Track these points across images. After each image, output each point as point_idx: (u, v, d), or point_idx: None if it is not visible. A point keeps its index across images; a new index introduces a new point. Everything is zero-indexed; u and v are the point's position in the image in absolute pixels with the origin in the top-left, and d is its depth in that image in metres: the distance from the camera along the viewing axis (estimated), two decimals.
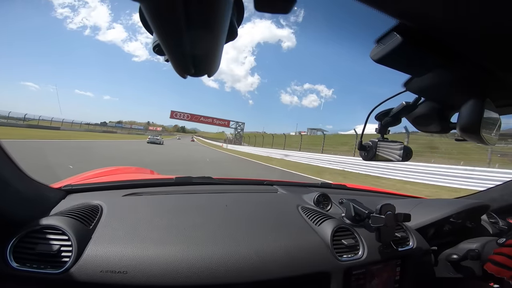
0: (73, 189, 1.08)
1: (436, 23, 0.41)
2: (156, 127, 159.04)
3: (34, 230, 0.71)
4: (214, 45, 0.37)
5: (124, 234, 0.79)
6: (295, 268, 0.82)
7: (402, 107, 0.73)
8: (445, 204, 1.25)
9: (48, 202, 0.92)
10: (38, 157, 8.08)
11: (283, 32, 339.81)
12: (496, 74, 0.52)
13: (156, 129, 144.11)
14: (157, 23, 0.31)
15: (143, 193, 1.14)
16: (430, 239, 1.17)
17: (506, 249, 0.89)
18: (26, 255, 0.67)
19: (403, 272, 1.03)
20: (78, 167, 6.39)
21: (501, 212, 1.39)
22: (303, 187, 1.58)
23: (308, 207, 1.17)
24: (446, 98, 0.65)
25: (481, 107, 0.54)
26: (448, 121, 0.69)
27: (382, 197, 1.66)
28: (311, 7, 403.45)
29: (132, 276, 0.68)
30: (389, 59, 0.49)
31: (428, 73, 0.54)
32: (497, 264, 0.89)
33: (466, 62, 0.49)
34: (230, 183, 1.53)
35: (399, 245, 1.04)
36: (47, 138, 18.23)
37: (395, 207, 0.94)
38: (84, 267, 0.67)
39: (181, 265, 0.72)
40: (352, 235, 0.99)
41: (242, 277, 0.75)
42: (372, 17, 0.39)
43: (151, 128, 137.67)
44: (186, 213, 0.97)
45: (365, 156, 0.81)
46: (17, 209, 0.75)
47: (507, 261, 0.86)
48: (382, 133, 0.80)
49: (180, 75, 0.43)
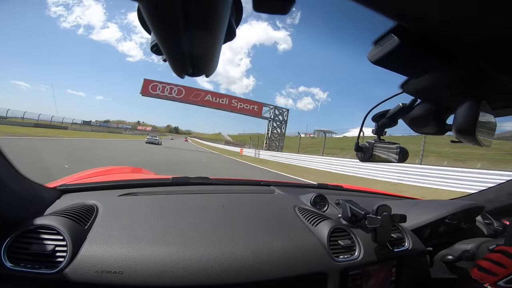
0: (68, 189, 1.07)
1: (433, 25, 0.41)
2: (145, 126, 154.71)
3: (28, 230, 0.71)
4: (213, 45, 0.37)
5: (120, 234, 0.78)
6: (292, 268, 0.82)
7: (399, 109, 0.73)
8: (440, 205, 1.26)
9: (42, 201, 0.91)
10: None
11: (279, 34, 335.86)
12: (492, 76, 0.52)
13: (145, 128, 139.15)
14: (156, 23, 0.31)
15: (139, 193, 1.13)
16: (426, 240, 1.18)
17: (494, 255, 0.88)
18: (21, 255, 0.66)
19: (399, 272, 1.03)
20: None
21: (495, 213, 1.40)
22: (299, 188, 1.58)
23: (305, 207, 1.17)
24: (442, 100, 0.65)
25: (477, 109, 0.55)
26: (444, 122, 0.70)
27: (378, 198, 1.67)
28: (308, 9, 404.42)
29: (128, 277, 0.67)
30: (386, 61, 0.49)
31: (424, 75, 0.54)
32: (482, 270, 0.88)
33: (462, 64, 0.50)
34: (227, 184, 1.53)
35: (395, 246, 1.04)
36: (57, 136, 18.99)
37: (391, 208, 0.95)
38: (79, 267, 0.67)
39: (178, 265, 0.72)
40: (349, 236, 0.99)
41: (239, 278, 0.75)
42: (369, 19, 0.40)
43: (139, 128, 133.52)
44: (183, 213, 0.97)
45: (361, 157, 0.81)
46: (11, 208, 0.74)
47: (493, 267, 0.85)
48: (378, 134, 0.81)
49: (178, 75, 0.43)
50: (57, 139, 17.58)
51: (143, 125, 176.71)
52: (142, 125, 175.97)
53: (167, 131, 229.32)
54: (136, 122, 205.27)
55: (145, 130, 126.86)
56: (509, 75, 0.52)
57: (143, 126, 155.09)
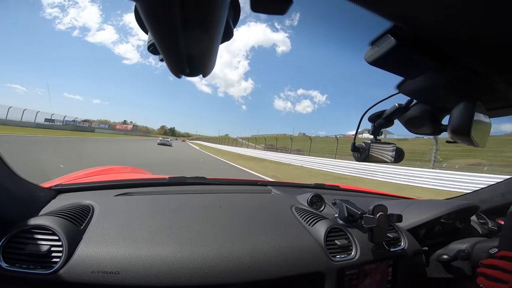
0: (63, 189, 1.06)
1: (428, 26, 0.42)
2: (127, 125, 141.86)
3: (23, 230, 0.70)
4: (210, 45, 0.37)
5: (116, 234, 0.78)
6: (289, 268, 0.82)
7: (395, 109, 0.74)
8: (435, 205, 1.27)
9: (38, 201, 0.91)
10: None
11: (278, 36, 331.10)
12: (487, 78, 0.53)
13: (126, 127, 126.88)
14: (153, 23, 0.31)
15: (135, 193, 1.12)
16: (421, 240, 1.19)
17: (499, 262, 0.87)
18: (16, 255, 0.66)
19: (395, 272, 1.04)
20: None
21: (490, 213, 1.42)
22: (296, 188, 1.59)
23: (302, 207, 1.18)
24: (437, 101, 0.66)
25: (472, 110, 0.56)
26: (439, 123, 0.70)
27: (375, 198, 1.68)
28: (307, 9, 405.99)
29: (124, 277, 0.67)
30: (382, 61, 0.49)
31: (420, 76, 0.55)
32: (490, 279, 0.87)
33: (458, 65, 0.50)
34: (224, 183, 1.53)
35: (391, 246, 1.05)
36: None
37: (387, 208, 0.95)
38: (75, 268, 0.66)
39: (174, 265, 0.72)
40: (345, 236, 1.00)
41: (236, 278, 0.75)
42: (367, 20, 0.40)
43: (118, 127, 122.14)
44: (180, 213, 0.96)
45: (358, 158, 0.82)
46: (6, 208, 0.73)
47: (502, 275, 0.83)
48: (375, 135, 0.81)
49: (175, 74, 0.43)
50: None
51: (123, 123, 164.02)
52: (122, 123, 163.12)
53: (160, 132, 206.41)
54: (123, 122, 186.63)
55: (125, 129, 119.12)
56: (503, 76, 0.53)
57: (124, 125, 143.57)
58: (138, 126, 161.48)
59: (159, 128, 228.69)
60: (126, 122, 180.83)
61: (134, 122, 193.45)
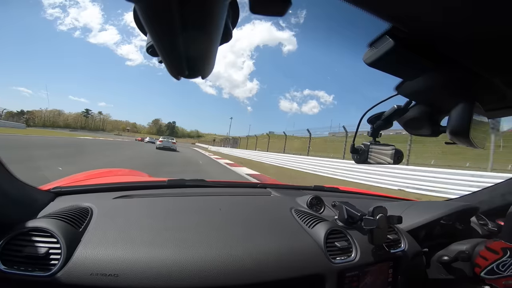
0: (62, 191, 1.05)
1: (427, 27, 0.42)
2: None
3: (22, 233, 0.70)
4: (209, 47, 0.37)
5: (115, 237, 0.77)
6: (289, 270, 0.82)
7: (394, 111, 0.74)
8: (435, 206, 1.27)
9: (36, 204, 0.90)
10: None
11: (283, 34, 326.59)
12: (485, 78, 0.53)
13: None
14: (152, 24, 0.31)
15: (134, 195, 1.12)
16: (422, 241, 1.19)
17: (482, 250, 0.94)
18: (14, 257, 0.66)
19: (396, 273, 1.04)
20: None
21: (490, 214, 1.41)
22: (296, 190, 1.58)
23: (301, 209, 1.17)
24: (436, 102, 0.66)
25: (470, 111, 0.56)
26: (438, 124, 0.70)
27: (374, 200, 1.68)
28: (312, 9, 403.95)
29: (124, 279, 0.66)
30: (381, 63, 0.50)
31: (419, 77, 0.55)
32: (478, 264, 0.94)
33: (456, 66, 0.50)
34: (223, 186, 1.53)
35: (391, 247, 1.05)
36: None
37: (387, 210, 0.95)
38: (74, 270, 0.66)
39: (173, 268, 0.71)
40: (345, 238, 1.00)
41: (236, 280, 0.74)
42: (366, 21, 0.40)
43: None
44: (179, 215, 0.96)
45: (357, 159, 0.82)
46: (4, 211, 0.73)
47: (480, 261, 0.91)
48: (374, 136, 0.81)
49: (174, 76, 0.43)
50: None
51: None
52: None
53: (151, 131, 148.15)
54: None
55: None
56: (501, 76, 0.53)
57: None
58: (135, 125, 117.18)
59: (150, 123, 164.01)
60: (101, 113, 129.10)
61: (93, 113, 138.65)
